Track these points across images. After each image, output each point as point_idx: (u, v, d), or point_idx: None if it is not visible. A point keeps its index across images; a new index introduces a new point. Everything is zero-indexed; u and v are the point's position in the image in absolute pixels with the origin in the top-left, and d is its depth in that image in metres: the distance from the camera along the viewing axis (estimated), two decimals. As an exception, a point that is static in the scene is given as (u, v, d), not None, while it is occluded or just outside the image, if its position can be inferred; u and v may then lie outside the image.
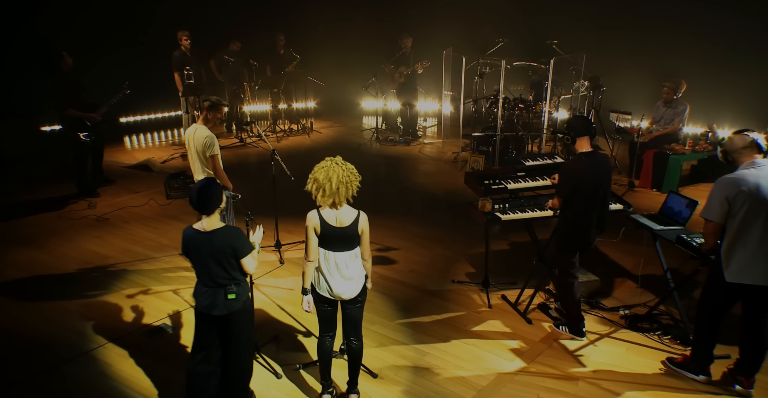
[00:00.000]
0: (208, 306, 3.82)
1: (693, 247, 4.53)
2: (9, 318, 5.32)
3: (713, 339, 4.30)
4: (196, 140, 5.60)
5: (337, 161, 3.89)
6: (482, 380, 4.43)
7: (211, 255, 3.74)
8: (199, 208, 3.76)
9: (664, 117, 8.76)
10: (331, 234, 3.85)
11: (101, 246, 6.74)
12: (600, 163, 4.60)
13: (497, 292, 5.69)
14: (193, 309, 5.39)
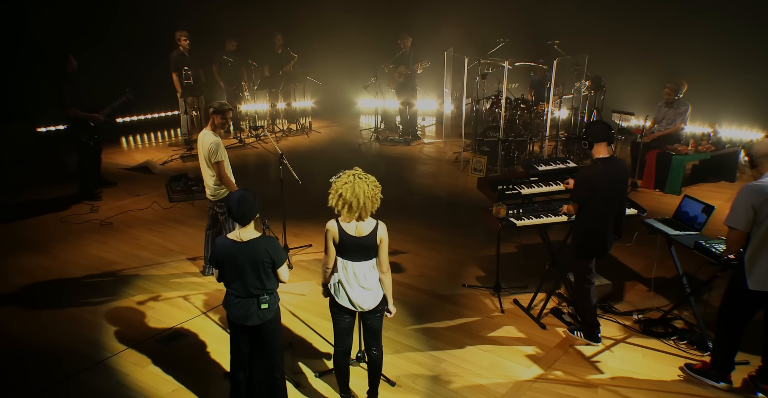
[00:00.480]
0: (241, 316, 3.84)
1: (712, 254, 4.50)
2: (22, 327, 5.25)
3: (735, 347, 4.28)
4: (203, 146, 5.56)
5: (360, 175, 3.83)
6: (501, 387, 4.39)
7: (249, 265, 3.74)
8: (237, 219, 3.78)
9: (666, 117, 8.76)
10: (350, 243, 3.81)
11: (107, 252, 6.65)
12: (617, 168, 4.57)
13: (509, 296, 5.66)
14: (204, 315, 5.37)
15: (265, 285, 3.82)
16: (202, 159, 5.65)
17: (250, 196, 3.81)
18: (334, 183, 3.84)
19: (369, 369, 4.11)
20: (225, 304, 3.93)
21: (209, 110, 5.62)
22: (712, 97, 9.80)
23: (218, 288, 5.90)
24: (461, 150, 10.31)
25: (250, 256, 3.75)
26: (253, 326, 3.84)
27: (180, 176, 8.76)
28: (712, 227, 5.51)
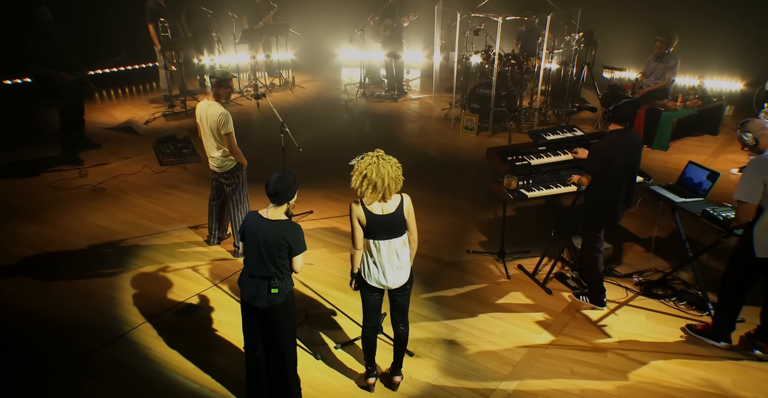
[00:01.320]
0: (252, 296, 3.83)
1: (720, 221, 4.65)
2: (35, 300, 5.23)
3: (737, 309, 4.51)
4: (210, 117, 5.42)
5: (383, 156, 3.81)
6: (514, 354, 4.58)
7: (266, 242, 3.72)
8: (270, 195, 3.76)
9: (656, 71, 8.81)
10: (378, 223, 3.83)
11: (106, 220, 6.57)
12: (631, 140, 4.65)
13: (513, 262, 5.81)
14: (216, 287, 5.41)
15: (279, 268, 3.78)
16: (206, 130, 5.52)
17: (291, 178, 3.79)
18: (357, 164, 3.82)
19: (395, 344, 4.22)
20: (239, 282, 3.93)
21: (212, 80, 5.46)
22: (697, 49, 9.85)
23: (224, 258, 5.93)
24: (449, 106, 10.28)
25: (270, 235, 3.71)
26: (263, 308, 3.83)
27: (167, 138, 8.58)
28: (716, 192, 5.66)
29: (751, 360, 4.50)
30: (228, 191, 5.77)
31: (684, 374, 4.35)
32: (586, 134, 5.63)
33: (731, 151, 8.45)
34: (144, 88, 11.50)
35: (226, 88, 5.45)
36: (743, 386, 4.25)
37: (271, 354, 4.02)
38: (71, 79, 7.44)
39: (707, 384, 4.27)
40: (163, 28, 9.86)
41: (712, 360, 4.49)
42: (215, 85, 5.45)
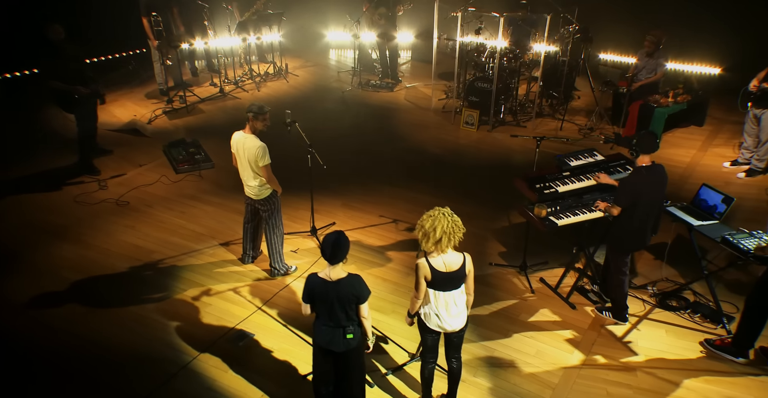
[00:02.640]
0: (328, 342, 4.05)
1: (740, 250, 4.85)
2: (94, 329, 5.31)
3: (759, 330, 4.77)
4: (247, 151, 5.37)
5: (445, 212, 3.92)
6: (552, 376, 4.80)
7: (337, 301, 3.91)
8: (328, 259, 3.91)
9: (647, 66, 8.86)
10: (442, 279, 3.99)
11: (139, 239, 6.54)
12: (659, 175, 4.79)
13: (534, 274, 5.98)
14: (260, 311, 5.47)
15: (351, 317, 4.01)
16: (243, 161, 5.48)
17: (344, 240, 3.92)
18: (423, 217, 3.93)
19: (449, 377, 4.42)
20: (313, 329, 4.10)
21: (248, 115, 5.36)
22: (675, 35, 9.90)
23: (262, 278, 5.99)
24: (446, 96, 10.25)
25: (339, 294, 3.92)
26: (338, 351, 4.06)
27: (177, 142, 8.40)
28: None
29: (766, 375, 4.82)
30: (264, 216, 5.77)
31: (710, 392, 4.64)
32: (606, 157, 5.74)
33: (717, 144, 8.68)
34: (136, 78, 11.01)
35: (262, 121, 5.37)
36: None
37: (343, 390, 4.26)
38: (87, 92, 7.19)
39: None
40: (156, 22, 9.50)
41: (733, 377, 4.78)
42: (252, 119, 5.37)
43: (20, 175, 7.67)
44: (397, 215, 7.01)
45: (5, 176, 7.65)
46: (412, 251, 6.36)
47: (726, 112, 9.32)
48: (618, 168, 5.69)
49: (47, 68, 7.05)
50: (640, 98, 8.72)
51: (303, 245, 6.48)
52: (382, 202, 7.26)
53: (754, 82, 7.33)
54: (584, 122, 9.31)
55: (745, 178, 7.77)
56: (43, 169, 7.83)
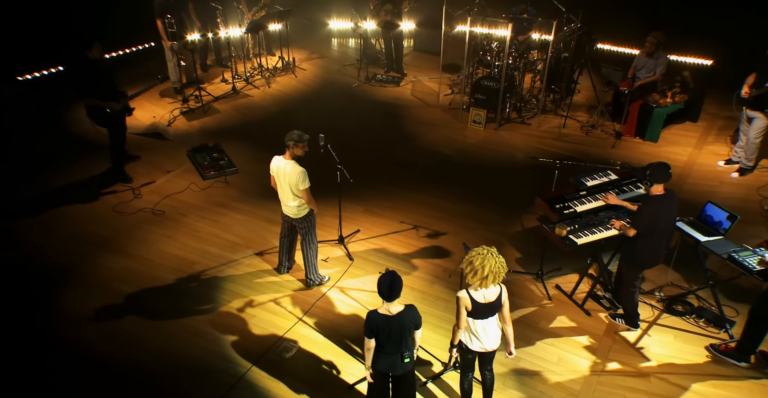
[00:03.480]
0: (388, 367, 4.40)
1: (745, 267, 5.19)
2: (150, 341, 5.62)
3: (762, 338, 5.15)
4: (288, 176, 5.57)
5: (492, 252, 4.19)
6: (574, 383, 5.17)
7: (399, 332, 4.23)
8: (388, 299, 4.22)
9: (646, 66, 9.05)
10: (481, 309, 4.27)
11: (179, 249, 6.78)
12: (671, 201, 5.06)
13: (550, 280, 6.31)
14: (301, 322, 5.76)
15: (408, 344, 4.33)
16: (284, 185, 5.68)
17: (398, 280, 4.20)
18: (470, 252, 4.23)
19: (484, 388, 4.81)
20: (374, 357, 4.41)
21: (288, 142, 5.52)
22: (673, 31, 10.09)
23: (299, 288, 6.26)
24: (451, 91, 10.38)
25: (400, 326, 4.24)
26: (394, 375, 4.41)
27: (200, 147, 8.50)
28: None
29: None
30: (301, 233, 5.99)
31: (717, 396, 5.05)
32: (619, 177, 6.00)
33: (711, 141, 8.94)
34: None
35: (301, 147, 5.55)
36: (763, 405, 4.99)
37: None
38: (119, 108, 7.29)
39: (734, 404, 4.99)
40: (170, 24, 9.45)
41: (737, 381, 5.19)
42: (292, 146, 5.55)
43: (57, 186, 7.76)
44: (417, 221, 7.26)
45: (42, 187, 7.73)
46: (435, 258, 6.65)
47: (719, 107, 9.55)
48: (631, 186, 5.98)
49: (85, 86, 7.10)
50: (640, 97, 8.93)
51: (332, 253, 6.73)
52: (401, 207, 7.49)
53: (745, 88, 7.55)
54: (585, 119, 9.53)
55: (738, 177, 8.09)
56: (77, 177, 7.92)
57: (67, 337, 5.62)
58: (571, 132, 9.22)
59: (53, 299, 6.05)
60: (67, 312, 5.90)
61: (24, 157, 8.41)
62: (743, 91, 7.57)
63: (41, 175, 7.94)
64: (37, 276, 6.32)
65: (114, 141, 7.58)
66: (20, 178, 7.89)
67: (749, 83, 7.54)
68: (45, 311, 5.92)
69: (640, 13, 10.46)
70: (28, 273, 6.38)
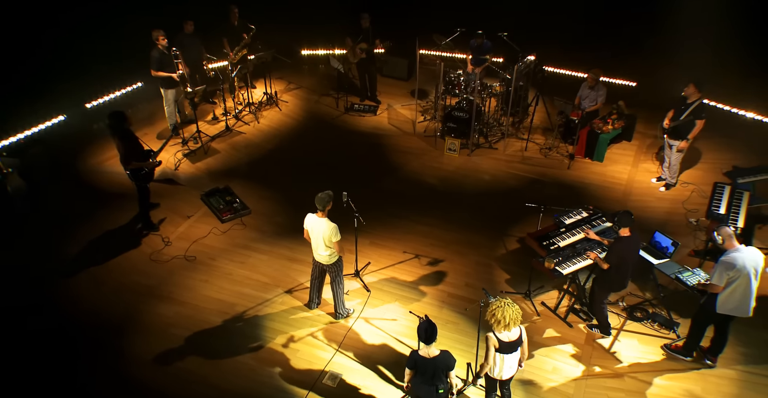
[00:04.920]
0: (424, 395, 5.30)
1: (688, 286, 6.39)
2: (215, 378, 6.34)
3: (701, 339, 6.38)
4: (323, 232, 6.33)
5: (509, 303, 5.14)
6: (568, 388, 6.26)
7: (433, 371, 5.14)
8: (426, 342, 5.08)
9: (589, 96, 10.16)
10: (506, 346, 5.22)
11: (217, 292, 7.43)
12: (636, 241, 6.16)
13: (536, 298, 7.35)
14: (337, 352, 6.58)
15: (442, 379, 5.24)
16: (318, 238, 6.42)
17: (433, 327, 5.09)
18: (492, 304, 5.16)
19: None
20: (413, 386, 5.30)
21: (318, 204, 6.27)
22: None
23: (330, 322, 7.03)
24: (423, 118, 11.20)
25: (434, 367, 5.15)
26: None
27: (212, 191, 9.02)
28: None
29: (707, 368, 6.45)
30: (331, 276, 6.78)
31: (674, 387, 6.25)
32: (588, 215, 7.07)
33: (644, 159, 10.14)
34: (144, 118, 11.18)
35: (330, 205, 6.30)
36: (708, 391, 6.22)
37: None
38: (155, 165, 7.96)
39: (688, 394, 6.19)
40: (176, 70, 9.89)
41: (686, 372, 6.40)
42: (322, 210, 6.28)
43: (91, 239, 8.18)
44: (417, 250, 8.14)
45: (78, 243, 8.12)
46: (439, 285, 7.56)
47: (645, 126, 10.71)
48: (598, 221, 7.07)
49: (130, 152, 7.65)
50: (586, 123, 10.06)
51: (350, 286, 7.51)
52: (401, 238, 8.35)
53: (666, 120, 8.75)
54: (542, 141, 10.59)
55: (665, 191, 9.34)
56: (106, 228, 8.35)
57: (139, 378, 6.28)
58: (532, 154, 10.26)
59: (121, 346, 6.66)
60: (135, 356, 6.53)
61: (55, 213, 8.70)
62: (665, 123, 8.77)
63: (74, 230, 8.32)
64: (102, 327, 6.89)
65: (143, 192, 8.06)
66: (59, 235, 8.25)
67: (669, 117, 8.75)
68: (117, 356, 6.54)
69: (581, 43, 11.54)
70: (94, 324, 6.93)
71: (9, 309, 7.09)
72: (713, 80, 9.57)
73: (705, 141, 9.88)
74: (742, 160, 9.62)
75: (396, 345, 6.75)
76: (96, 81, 11.03)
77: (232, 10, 11.10)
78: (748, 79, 11.01)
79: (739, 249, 5.84)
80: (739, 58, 10.95)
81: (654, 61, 11.63)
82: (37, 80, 10.21)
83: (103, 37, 10.88)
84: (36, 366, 6.45)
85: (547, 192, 9.24)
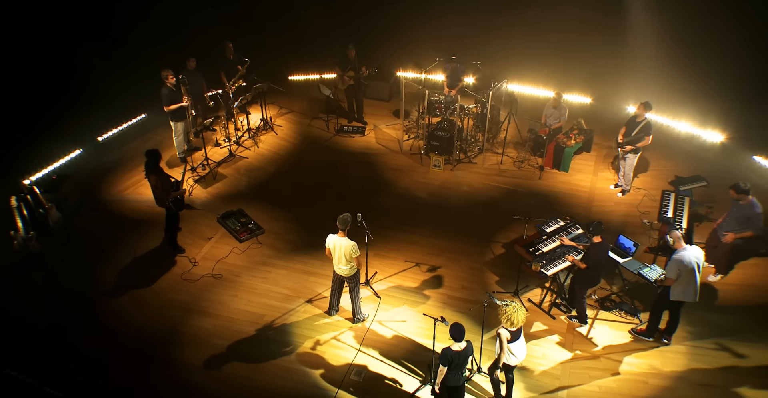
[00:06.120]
0: (454, 382, 6.33)
1: (648, 280, 7.57)
2: (258, 379, 7.20)
3: (659, 323, 7.56)
4: (345, 249, 7.25)
5: (518, 305, 6.17)
6: (556, 370, 7.35)
7: (464, 360, 6.18)
8: (458, 341, 6.09)
9: (553, 115, 11.37)
10: (513, 335, 6.26)
11: (247, 305, 8.25)
12: (606, 245, 7.31)
13: (523, 295, 8.42)
14: (359, 351, 7.52)
15: (466, 365, 6.28)
16: (339, 254, 7.32)
17: (462, 328, 6.07)
18: (507, 307, 6.16)
19: (508, 384, 6.83)
20: (446, 375, 6.28)
21: (339, 225, 7.19)
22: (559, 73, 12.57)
23: (347, 326, 7.95)
24: (407, 137, 12.19)
25: (465, 356, 6.18)
26: (459, 386, 6.38)
27: (227, 214, 9.82)
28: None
29: (664, 346, 7.63)
30: (350, 285, 7.71)
31: (640, 363, 7.41)
32: (566, 223, 8.20)
33: (602, 168, 11.37)
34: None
35: (349, 226, 7.22)
36: (665, 364, 7.40)
37: None
38: (183, 192, 8.79)
39: (651, 367, 7.37)
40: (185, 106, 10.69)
41: (648, 351, 7.58)
42: (343, 230, 7.20)
43: (125, 265, 8.89)
44: (417, 258, 9.13)
45: (114, 266, 8.83)
46: (439, 288, 8.56)
47: (602, 137, 11.98)
48: (572, 229, 8.22)
49: (168, 184, 8.46)
50: (552, 139, 11.25)
51: (362, 293, 8.43)
52: (401, 248, 9.32)
53: (620, 136, 10.00)
54: (515, 154, 11.72)
55: (621, 196, 10.59)
56: (138, 253, 9.08)
57: (194, 382, 7.12)
58: (507, 167, 11.38)
59: (172, 356, 7.48)
60: (187, 364, 7.36)
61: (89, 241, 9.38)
62: (619, 138, 10.00)
63: (110, 257, 9.03)
64: (156, 340, 7.70)
65: (175, 219, 8.83)
66: (96, 261, 8.94)
67: (622, 133, 9.99)
68: (173, 364, 7.37)
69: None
70: (149, 338, 7.72)
71: (61, 326, 7.79)
72: (658, 98, 10.84)
73: (652, 152, 11.16)
74: (682, 166, 10.94)
75: (409, 343, 7.72)
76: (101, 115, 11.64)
77: (227, 46, 11.90)
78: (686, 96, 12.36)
79: (686, 248, 7.03)
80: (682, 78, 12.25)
81: (606, 81, 12.93)
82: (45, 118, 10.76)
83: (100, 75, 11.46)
84: (109, 375, 7.27)
85: (523, 201, 10.36)
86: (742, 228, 8.01)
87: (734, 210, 8.09)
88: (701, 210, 9.60)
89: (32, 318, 7.95)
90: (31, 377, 6.88)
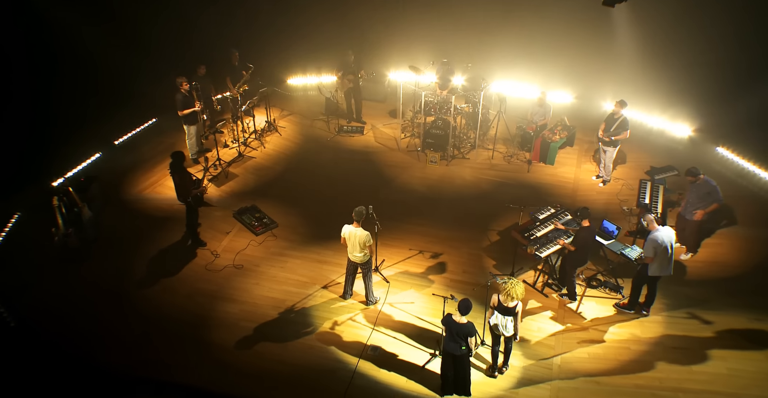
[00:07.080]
0: (450, 349, 7.00)
1: (629, 259, 8.40)
2: (285, 355, 7.88)
3: (639, 295, 8.39)
4: (359, 238, 7.96)
5: (516, 281, 6.90)
6: (549, 340, 8.14)
7: (457, 333, 6.85)
8: (462, 314, 6.78)
9: (538, 113, 12.19)
10: (503, 309, 7.04)
11: (269, 291, 8.92)
12: (593, 229, 8.13)
13: (519, 277, 9.20)
14: (373, 330, 8.24)
15: (463, 340, 6.94)
16: (354, 243, 8.04)
17: (470, 304, 6.78)
18: (509, 281, 6.91)
19: (505, 352, 7.57)
20: (444, 343, 7.00)
21: (354, 215, 7.89)
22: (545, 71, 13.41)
23: (364, 308, 8.66)
24: (403, 136, 12.90)
25: (458, 331, 6.87)
26: (457, 355, 7.05)
27: (243, 210, 10.47)
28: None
29: (643, 317, 8.47)
30: (363, 271, 8.43)
31: (623, 333, 8.24)
32: (556, 210, 9.01)
33: (584, 161, 12.22)
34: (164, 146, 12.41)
35: (363, 218, 7.92)
36: (645, 332, 8.23)
37: (458, 373, 7.24)
38: (206, 190, 9.39)
39: (633, 336, 8.20)
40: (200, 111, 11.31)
41: (630, 321, 8.41)
42: (358, 221, 7.91)
43: (152, 256, 9.50)
44: (420, 246, 9.87)
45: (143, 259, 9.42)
46: (442, 273, 9.31)
47: (584, 133, 12.84)
48: (562, 215, 9.01)
49: (190, 183, 9.06)
50: (538, 135, 12.06)
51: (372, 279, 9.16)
52: (405, 237, 10.05)
53: (600, 131, 10.83)
54: (504, 150, 12.51)
55: (602, 186, 11.44)
56: (162, 246, 9.69)
57: (228, 360, 7.79)
58: (498, 162, 12.16)
59: (206, 337, 8.13)
60: (221, 344, 8.02)
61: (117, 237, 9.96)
62: (600, 133, 10.84)
63: (137, 251, 9.64)
64: (189, 323, 8.33)
65: (195, 215, 9.45)
66: (125, 256, 9.53)
67: (602, 128, 10.83)
68: (210, 345, 8.02)
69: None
70: (184, 322, 8.36)
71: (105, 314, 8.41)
72: (633, 96, 11.70)
73: (629, 145, 12.01)
74: (656, 158, 11.82)
75: (418, 322, 8.46)
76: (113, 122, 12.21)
77: (233, 53, 12.52)
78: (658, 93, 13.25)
79: (659, 229, 7.88)
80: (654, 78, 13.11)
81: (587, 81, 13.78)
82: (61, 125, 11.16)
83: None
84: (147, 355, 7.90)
85: (514, 192, 11.15)
86: (706, 203, 8.90)
87: (694, 191, 9.05)
88: (673, 196, 10.48)
89: (82, 305, 8.57)
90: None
